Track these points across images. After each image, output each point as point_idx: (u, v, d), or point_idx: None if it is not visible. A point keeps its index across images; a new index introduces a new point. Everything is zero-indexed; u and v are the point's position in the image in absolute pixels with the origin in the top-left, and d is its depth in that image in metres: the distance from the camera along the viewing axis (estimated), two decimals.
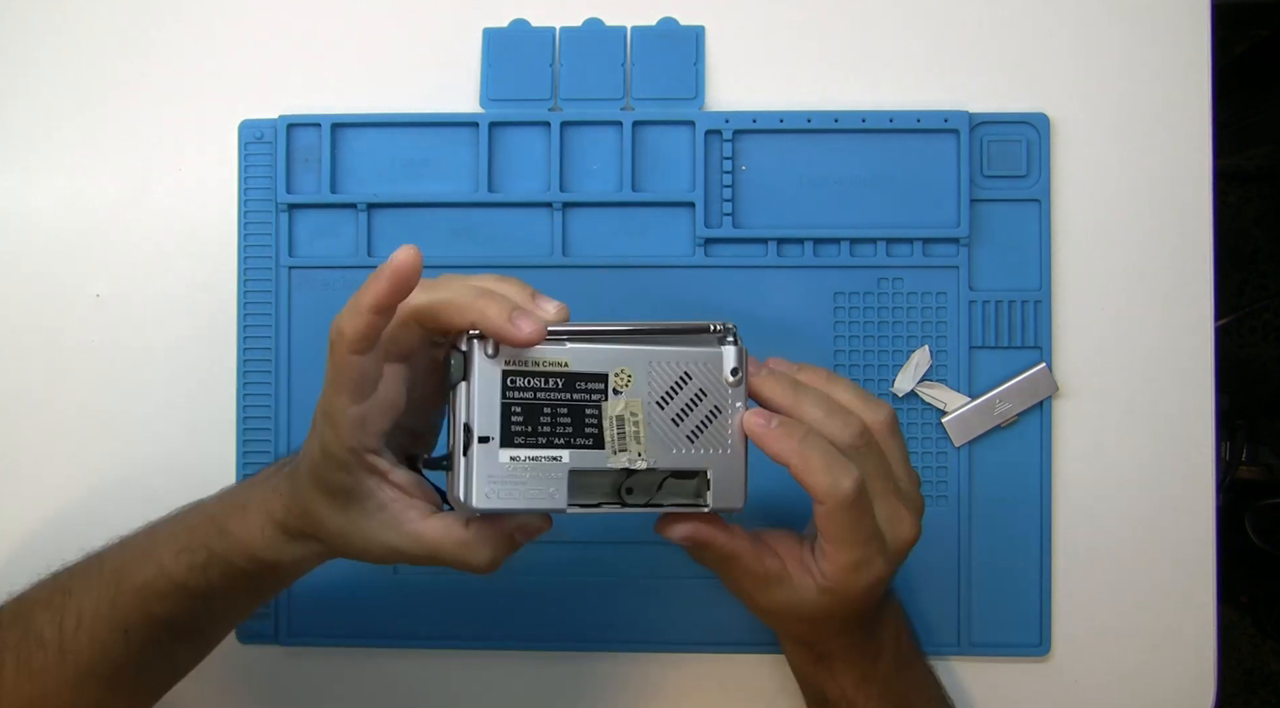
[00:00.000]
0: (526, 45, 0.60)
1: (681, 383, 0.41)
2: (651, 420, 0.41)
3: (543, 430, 0.40)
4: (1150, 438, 0.58)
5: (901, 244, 0.58)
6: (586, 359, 0.40)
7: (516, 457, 0.39)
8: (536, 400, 0.40)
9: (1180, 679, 0.58)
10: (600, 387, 0.40)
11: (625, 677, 0.59)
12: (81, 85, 0.61)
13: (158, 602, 0.45)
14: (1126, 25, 0.59)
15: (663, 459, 0.41)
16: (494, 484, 0.39)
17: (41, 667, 0.45)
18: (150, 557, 0.46)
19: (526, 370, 0.39)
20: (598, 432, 0.40)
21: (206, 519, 0.46)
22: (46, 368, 0.60)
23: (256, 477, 0.47)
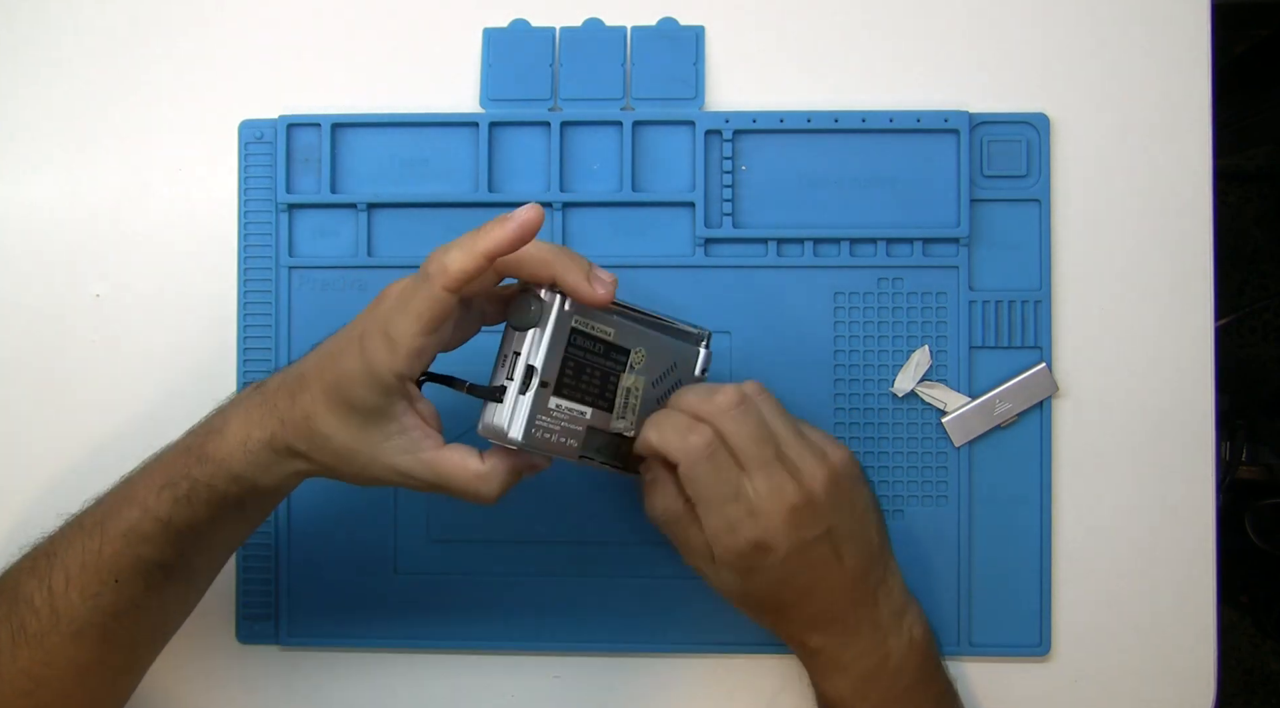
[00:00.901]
0: (526, 45, 0.60)
1: (668, 370, 0.49)
2: (645, 396, 0.48)
3: (582, 386, 0.45)
4: (1150, 438, 0.58)
5: (901, 244, 0.58)
6: (623, 334, 0.46)
7: (559, 405, 0.44)
8: (585, 359, 0.45)
9: (1180, 679, 0.58)
10: (624, 359, 0.46)
11: (625, 677, 0.59)
12: (81, 85, 0.61)
13: (145, 544, 0.45)
14: (1126, 25, 0.59)
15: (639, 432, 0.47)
16: (539, 423, 0.44)
17: (37, 632, 0.45)
18: (131, 500, 0.46)
19: (586, 332, 0.45)
20: (612, 397, 0.46)
21: (183, 451, 0.46)
22: (46, 368, 0.60)
23: (230, 400, 0.47)
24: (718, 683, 0.59)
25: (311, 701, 0.60)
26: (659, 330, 0.48)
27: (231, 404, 0.46)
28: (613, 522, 0.58)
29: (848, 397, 0.58)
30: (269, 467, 0.45)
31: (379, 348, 0.41)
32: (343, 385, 0.42)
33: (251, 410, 0.45)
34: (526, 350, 0.43)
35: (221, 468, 0.44)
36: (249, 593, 0.58)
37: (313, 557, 0.58)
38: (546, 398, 0.44)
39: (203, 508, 0.45)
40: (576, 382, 0.45)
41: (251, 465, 0.44)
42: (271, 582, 0.58)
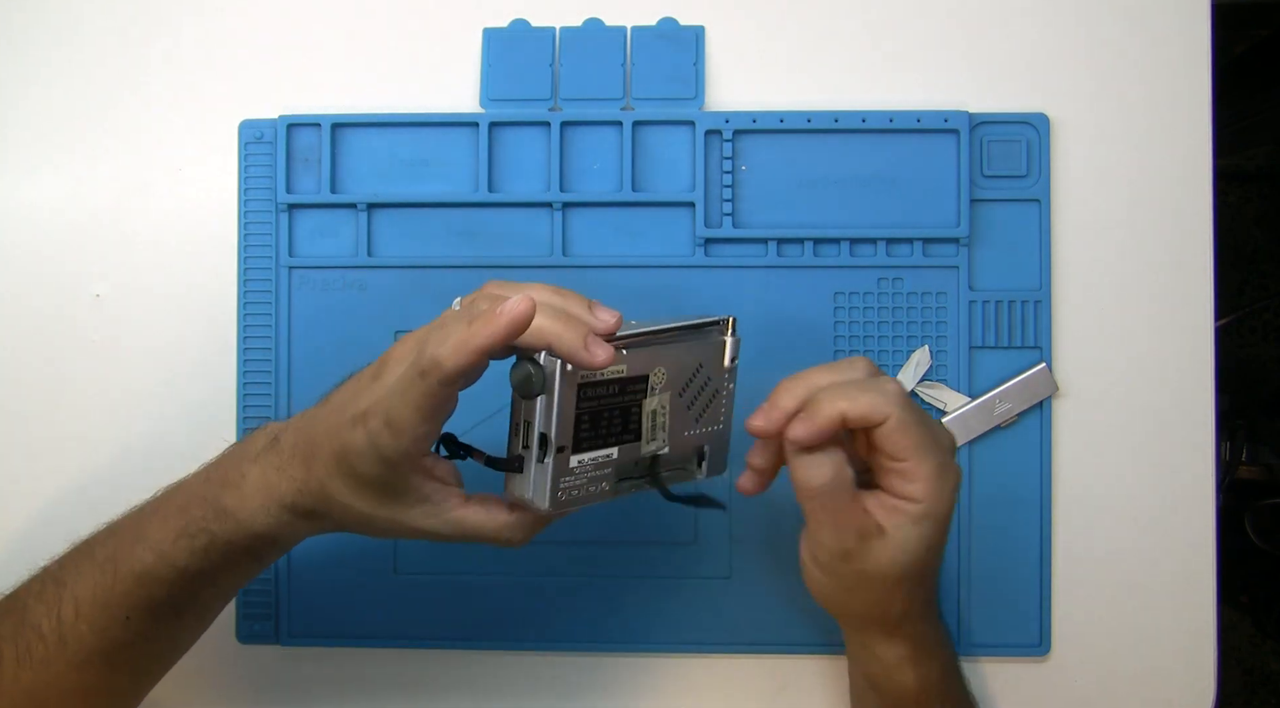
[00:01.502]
0: (526, 45, 0.60)
1: (695, 373, 0.45)
2: (674, 409, 0.45)
3: (602, 433, 0.43)
4: (1150, 438, 0.58)
5: (901, 244, 0.58)
6: (635, 363, 0.43)
7: (582, 460, 0.43)
8: (599, 407, 0.42)
9: (1180, 679, 0.58)
10: (642, 386, 0.44)
11: (625, 677, 0.59)
12: (81, 85, 0.61)
13: (158, 586, 0.45)
14: (1126, 25, 0.59)
15: (676, 441, 0.46)
16: (564, 486, 0.42)
17: (43, 657, 0.45)
18: (145, 542, 0.45)
19: (596, 381, 0.42)
20: (638, 426, 0.44)
21: (199, 501, 0.45)
22: (46, 368, 0.60)
23: (245, 449, 0.46)
24: (718, 683, 0.59)
25: (311, 701, 0.60)
26: (675, 341, 0.45)
27: (249, 458, 0.45)
28: (613, 522, 0.58)
29: None
30: (291, 526, 0.45)
31: (383, 432, 0.41)
32: (353, 461, 0.42)
33: (269, 472, 0.44)
34: (537, 419, 0.41)
35: (242, 527, 0.44)
36: (249, 593, 0.58)
37: (313, 557, 0.58)
38: (566, 460, 0.42)
39: (219, 558, 0.45)
40: (595, 431, 0.43)
41: (273, 525, 0.44)
42: (271, 581, 0.58)
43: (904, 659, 0.48)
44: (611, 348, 0.40)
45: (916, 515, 0.43)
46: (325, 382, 0.58)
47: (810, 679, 0.59)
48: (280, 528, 0.45)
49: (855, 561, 0.44)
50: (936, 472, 0.43)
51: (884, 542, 0.44)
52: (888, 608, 0.46)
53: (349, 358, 0.59)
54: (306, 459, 0.43)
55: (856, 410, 0.42)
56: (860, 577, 0.44)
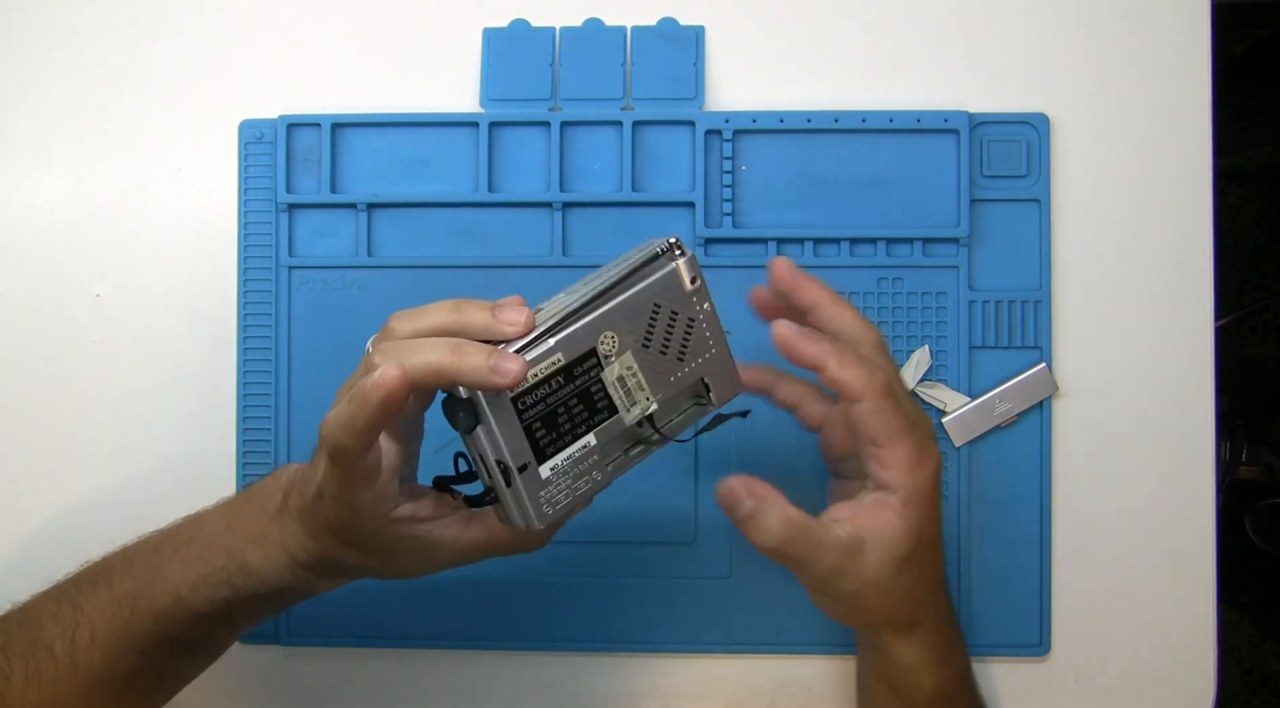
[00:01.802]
0: (526, 45, 0.60)
1: (654, 315, 0.42)
2: (645, 363, 0.42)
3: (564, 429, 0.40)
4: (1150, 438, 0.58)
5: (901, 244, 0.58)
6: (573, 344, 0.40)
7: (555, 466, 0.41)
8: (549, 407, 0.40)
9: (1180, 679, 0.58)
10: (594, 361, 0.41)
11: (625, 677, 0.59)
12: (81, 85, 0.61)
13: (176, 627, 0.45)
14: (1126, 25, 0.59)
15: (666, 390, 0.43)
16: (546, 499, 0.41)
17: (52, 677, 0.45)
18: (164, 583, 0.45)
19: (531, 386, 0.39)
20: (607, 401, 0.41)
21: (221, 551, 0.45)
22: (46, 368, 0.60)
23: (265, 503, 0.45)
24: (718, 683, 0.59)
25: (311, 700, 0.60)
26: (613, 298, 0.41)
27: (269, 516, 0.45)
28: (613, 522, 0.58)
29: None
30: (316, 583, 0.45)
31: (339, 512, 0.41)
32: (340, 536, 0.42)
33: (286, 536, 0.44)
34: (486, 448, 0.39)
35: (267, 584, 0.45)
36: None
37: None
38: (535, 474, 0.40)
39: (241, 607, 0.46)
40: (556, 432, 0.40)
41: (298, 582, 0.45)
42: None
43: (921, 662, 0.47)
44: (521, 359, 0.38)
45: (896, 505, 0.43)
46: (325, 382, 0.59)
47: (810, 679, 0.59)
48: (305, 584, 0.45)
49: (850, 576, 0.44)
50: (913, 457, 0.43)
51: (867, 545, 0.43)
52: (898, 607, 0.46)
53: (349, 358, 0.58)
54: (310, 530, 0.43)
55: (837, 374, 0.42)
56: (861, 586, 0.44)
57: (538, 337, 0.39)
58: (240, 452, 0.59)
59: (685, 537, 0.58)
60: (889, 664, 0.48)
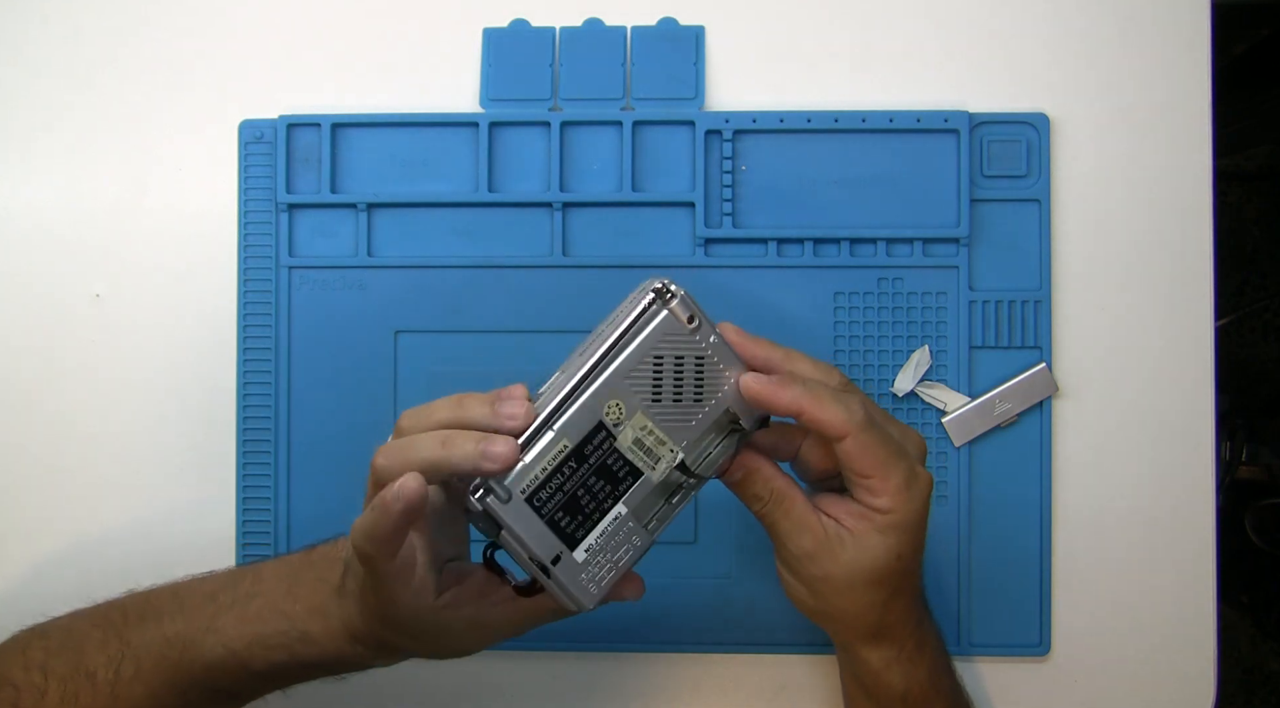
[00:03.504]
0: (526, 45, 0.60)
1: (658, 367, 0.40)
2: (660, 417, 0.41)
3: (589, 510, 0.40)
4: (1150, 438, 0.58)
5: (901, 244, 0.58)
6: (576, 427, 0.40)
7: (589, 547, 0.41)
8: (568, 493, 0.40)
9: (1180, 679, 0.58)
10: (604, 434, 0.40)
11: (625, 677, 0.59)
12: (81, 85, 0.61)
13: (225, 678, 0.45)
14: (1126, 25, 0.59)
15: (690, 434, 0.41)
16: (589, 579, 0.41)
17: (89, 705, 0.45)
18: (218, 635, 0.45)
19: (541, 481, 0.39)
20: (629, 467, 0.41)
21: (281, 616, 0.45)
22: (46, 368, 0.60)
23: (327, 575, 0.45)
24: (718, 683, 0.59)
25: (312, 701, 0.59)
26: (609, 363, 0.40)
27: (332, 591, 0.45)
28: None
29: None
30: (377, 659, 0.46)
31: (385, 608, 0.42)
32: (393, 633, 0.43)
33: (348, 616, 0.44)
34: (517, 549, 0.40)
35: (326, 655, 0.45)
36: None
37: None
38: (571, 561, 0.40)
39: (296, 672, 0.46)
40: (581, 514, 0.40)
41: (360, 661, 0.45)
42: None
43: (889, 662, 0.47)
44: (510, 441, 0.38)
45: (883, 525, 0.43)
46: (325, 382, 0.59)
47: (810, 679, 0.59)
48: (363, 660, 0.45)
49: (818, 563, 0.44)
50: (902, 484, 0.42)
51: (845, 544, 0.43)
52: (864, 615, 0.46)
53: (349, 358, 0.59)
54: (362, 614, 0.43)
55: (816, 415, 0.41)
56: (827, 582, 0.44)
57: (537, 429, 0.39)
58: (240, 452, 0.59)
59: (685, 537, 0.58)
60: (856, 664, 0.48)
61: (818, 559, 0.44)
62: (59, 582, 0.59)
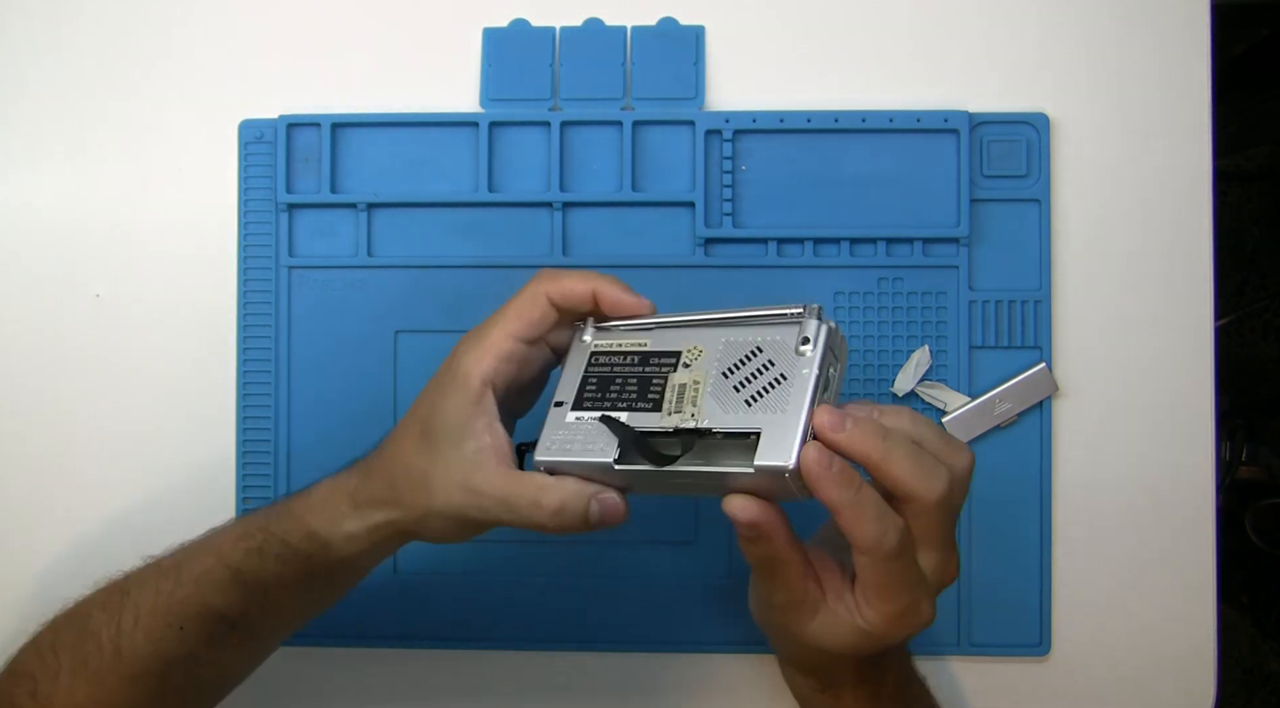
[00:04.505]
0: (526, 45, 0.60)
1: (752, 355, 0.41)
2: (714, 388, 0.41)
3: (609, 396, 0.42)
4: (1150, 438, 0.58)
5: (901, 244, 0.58)
6: (665, 340, 0.43)
7: (580, 417, 0.42)
8: (611, 373, 0.43)
9: (1180, 679, 0.58)
10: (672, 361, 0.42)
11: (625, 677, 0.59)
12: (82, 85, 0.61)
13: (214, 592, 0.45)
14: (1126, 25, 0.59)
15: (717, 421, 0.40)
16: (557, 441, 0.42)
17: (97, 668, 0.45)
18: (209, 549, 0.46)
19: (611, 351, 0.43)
20: (659, 397, 0.41)
21: (269, 506, 0.47)
22: (46, 368, 0.60)
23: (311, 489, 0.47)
24: (718, 683, 0.59)
25: (311, 700, 0.60)
26: (729, 326, 0.42)
27: (347, 476, 0.46)
28: None
29: (848, 397, 0.58)
30: (346, 520, 0.44)
31: (472, 350, 0.43)
32: (430, 410, 0.43)
33: (338, 476, 0.46)
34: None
35: (300, 523, 0.45)
36: None
37: None
38: (563, 413, 0.43)
39: (273, 562, 0.45)
40: (601, 393, 0.43)
41: (329, 521, 0.45)
42: None
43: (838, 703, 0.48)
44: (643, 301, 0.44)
45: (860, 630, 0.41)
46: (325, 382, 0.59)
47: None
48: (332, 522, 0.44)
49: (782, 616, 0.43)
50: (899, 614, 0.40)
51: (816, 616, 0.42)
52: (820, 673, 0.46)
53: (349, 358, 0.59)
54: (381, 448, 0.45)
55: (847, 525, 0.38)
56: (786, 633, 0.43)
57: (640, 325, 0.44)
58: (240, 452, 0.59)
59: (685, 537, 0.58)
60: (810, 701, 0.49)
61: (782, 613, 0.43)
62: (58, 581, 0.59)
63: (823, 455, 0.38)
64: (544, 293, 0.43)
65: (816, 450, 0.38)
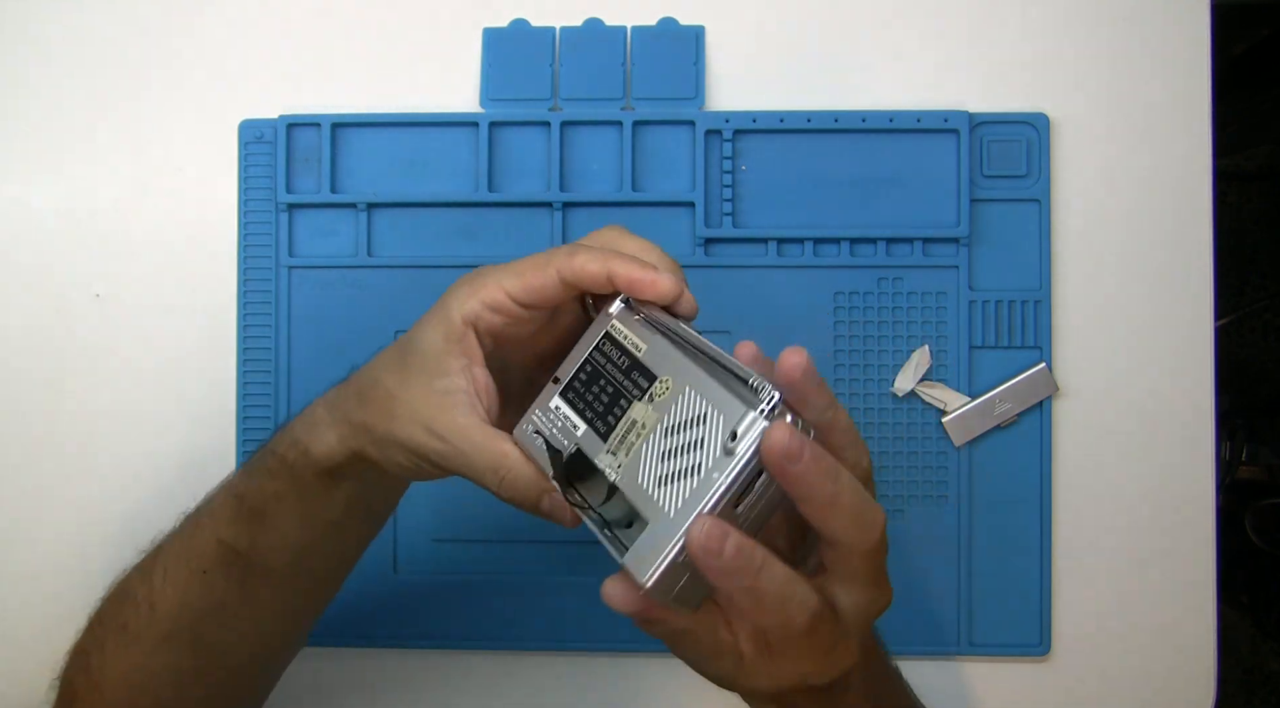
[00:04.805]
0: (526, 45, 0.60)
1: (695, 422, 0.35)
2: (652, 442, 0.36)
3: (588, 395, 0.40)
4: (1150, 438, 0.58)
5: (901, 244, 0.58)
6: (655, 356, 0.38)
7: (559, 407, 0.41)
8: (602, 370, 0.40)
9: (1180, 679, 0.58)
10: (645, 386, 0.37)
11: (625, 677, 0.59)
12: (82, 85, 0.61)
13: (224, 526, 0.45)
14: (1126, 25, 0.59)
15: (628, 483, 0.36)
16: (535, 422, 0.41)
17: (135, 630, 0.45)
18: (227, 490, 0.46)
19: (620, 339, 0.40)
20: (613, 426, 0.38)
21: (282, 440, 0.45)
22: (46, 368, 0.60)
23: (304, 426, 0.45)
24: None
25: (312, 700, 0.59)
26: (704, 365, 0.36)
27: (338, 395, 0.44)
28: None
29: (848, 397, 0.58)
30: (320, 427, 0.43)
31: (464, 292, 0.40)
32: (412, 334, 0.41)
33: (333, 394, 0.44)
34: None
35: (287, 432, 0.44)
36: None
37: None
38: (550, 394, 0.41)
39: (266, 478, 0.44)
40: (585, 390, 0.40)
41: (307, 427, 0.43)
42: None
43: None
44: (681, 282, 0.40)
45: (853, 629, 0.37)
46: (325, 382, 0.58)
47: None
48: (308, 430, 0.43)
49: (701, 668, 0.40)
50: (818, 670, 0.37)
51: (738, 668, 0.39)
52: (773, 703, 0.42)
53: (349, 358, 0.59)
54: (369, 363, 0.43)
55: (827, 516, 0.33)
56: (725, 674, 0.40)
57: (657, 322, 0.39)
58: (240, 451, 0.59)
59: None
60: None
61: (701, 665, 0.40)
62: (58, 581, 0.59)
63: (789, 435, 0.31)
64: (555, 268, 0.39)
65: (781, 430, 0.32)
